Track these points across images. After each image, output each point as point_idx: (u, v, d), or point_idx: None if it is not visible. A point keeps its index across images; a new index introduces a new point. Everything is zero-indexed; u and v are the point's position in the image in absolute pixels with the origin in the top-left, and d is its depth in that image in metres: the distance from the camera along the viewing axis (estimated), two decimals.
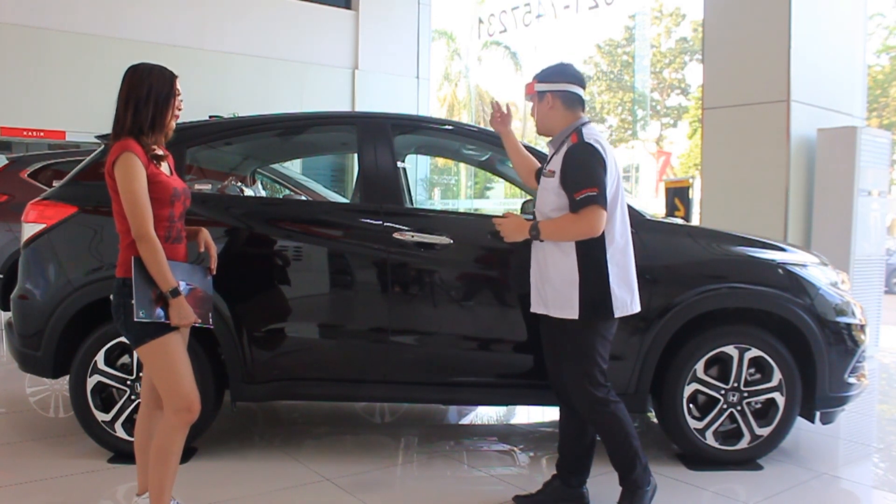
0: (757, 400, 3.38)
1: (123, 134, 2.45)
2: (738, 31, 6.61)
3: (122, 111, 2.47)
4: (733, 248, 3.50)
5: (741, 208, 6.43)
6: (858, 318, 3.54)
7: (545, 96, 2.75)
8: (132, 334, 2.46)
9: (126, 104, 2.46)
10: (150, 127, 2.47)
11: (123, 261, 2.47)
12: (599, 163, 2.61)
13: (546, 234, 2.67)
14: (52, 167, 6.31)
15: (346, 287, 3.42)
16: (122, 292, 2.45)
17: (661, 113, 30.30)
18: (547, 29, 24.18)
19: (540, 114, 2.80)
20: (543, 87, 2.75)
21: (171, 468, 2.47)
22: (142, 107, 2.46)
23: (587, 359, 2.67)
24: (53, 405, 4.46)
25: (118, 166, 2.39)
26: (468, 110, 28.76)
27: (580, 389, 2.70)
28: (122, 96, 2.48)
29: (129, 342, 2.52)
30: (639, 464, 2.72)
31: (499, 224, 2.82)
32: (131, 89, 2.47)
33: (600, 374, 2.69)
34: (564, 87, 2.74)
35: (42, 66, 10.74)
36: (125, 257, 2.46)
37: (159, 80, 2.48)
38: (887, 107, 25.61)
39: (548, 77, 2.77)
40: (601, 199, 2.56)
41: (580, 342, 2.68)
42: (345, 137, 4.26)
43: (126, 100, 2.47)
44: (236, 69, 12.15)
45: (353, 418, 4.33)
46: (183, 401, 2.45)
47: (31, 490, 3.02)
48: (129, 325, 2.43)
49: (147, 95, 2.46)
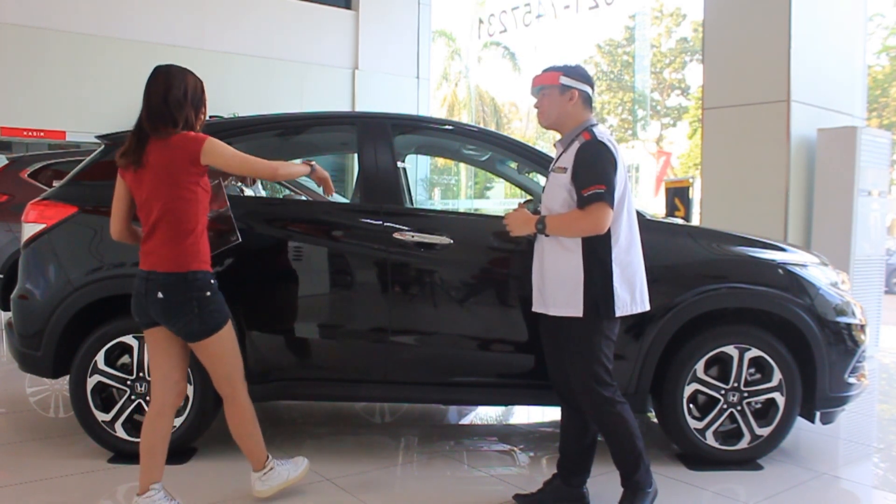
0: (757, 400, 3.37)
1: (187, 127, 2.66)
2: (738, 31, 6.61)
3: (176, 106, 2.63)
4: (733, 248, 3.50)
5: (741, 208, 6.43)
6: (858, 318, 3.54)
7: (568, 90, 2.75)
8: (208, 325, 2.62)
9: (180, 100, 2.64)
10: (190, 126, 2.69)
11: (195, 254, 2.61)
12: (610, 161, 2.62)
13: (552, 229, 2.67)
14: (52, 167, 6.31)
15: (347, 287, 3.42)
16: (192, 286, 2.59)
17: (662, 113, 30.31)
18: (547, 29, 24.20)
19: (557, 106, 2.76)
20: (569, 82, 2.75)
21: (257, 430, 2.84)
22: (199, 105, 2.71)
23: (592, 359, 2.67)
24: (53, 405, 4.46)
25: (207, 149, 2.59)
26: (468, 110, 28.77)
27: (587, 389, 2.69)
28: (176, 91, 2.64)
29: (197, 335, 2.64)
30: (642, 465, 2.72)
31: (506, 218, 2.84)
32: (187, 88, 2.67)
33: (606, 374, 2.69)
34: (585, 88, 2.77)
35: (42, 66, 10.76)
36: (195, 250, 2.61)
37: (196, 84, 2.71)
38: (887, 107, 25.62)
39: (573, 73, 2.77)
40: (608, 196, 2.57)
41: (584, 342, 2.68)
42: (345, 137, 4.26)
43: (182, 96, 2.65)
44: (236, 69, 12.16)
45: (353, 418, 4.33)
46: (242, 372, 2.76)
47: (31, 490, 3.02)
48: (204, 317, 2.59)
49: (200, 96, 2.73)
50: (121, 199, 2.73)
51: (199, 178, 2.63)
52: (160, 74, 2.67)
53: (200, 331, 2.63)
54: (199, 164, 2.60)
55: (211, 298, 2.64)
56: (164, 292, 2.58)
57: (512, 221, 2.81)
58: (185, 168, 2.59)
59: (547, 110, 2.80)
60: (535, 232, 2.74)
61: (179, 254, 2.59)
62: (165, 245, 2.59)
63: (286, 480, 2.91)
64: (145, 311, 2.66)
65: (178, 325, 2.62)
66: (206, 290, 2.63)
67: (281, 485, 2.90)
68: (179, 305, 2.59)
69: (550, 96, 2.78)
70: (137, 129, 2.66)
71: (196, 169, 2.61)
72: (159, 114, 2.61)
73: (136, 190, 2.66)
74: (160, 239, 2.60)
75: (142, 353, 3.27)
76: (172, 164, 2.58)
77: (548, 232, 2.69)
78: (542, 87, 2.80)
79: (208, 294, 2.62)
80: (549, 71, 2.80)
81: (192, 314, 2.59)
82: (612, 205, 2.59)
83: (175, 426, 3.26)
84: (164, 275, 2.59)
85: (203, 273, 2.64)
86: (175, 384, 2.73)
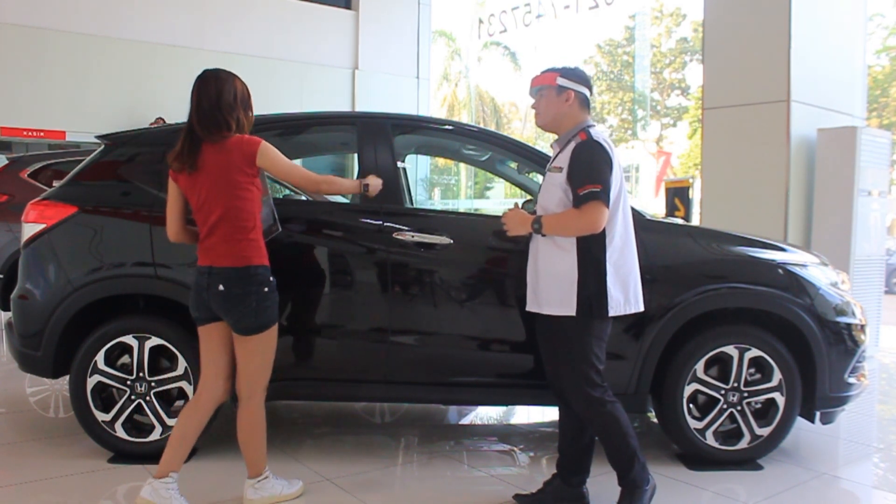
0: (757, 400, 3.38)
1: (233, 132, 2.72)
2: (738, 31, 6.61)
3: (228, 110, 2.72)
4: (733, 248, 3.50)
5: (741, 208, 6.43)
6: (858, 318, 3.54)
7: (565, 91, 2.76)
8: (260, 321, 2.71)
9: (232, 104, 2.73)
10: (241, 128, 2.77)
11: (254, 250, 2.71)
12: (606, 161, 2.63)
13: (548, 228, 2.68)
14: (52, 167, 6.31)
15: (347, 287, 3.42)
16: (252, 280, 2.69)
17: (661, 113, 30.30)
18: (547, 29, 24.21)
19: (554, 107, 2.78)
20: (566, 83, 2.76)
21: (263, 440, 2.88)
22: (241, 109, 2.77)
23: (583, 360, 2.68)
24: (53, 405, 4.46)
25: (263, 152, 2.69)
26: (468, 110, 28.77)
27: (577, 390, 2.71)
28: (228, 96, 2.73)
29: (249, 329, 2.71)
30: (637, 463, 2.73)
31: (503, 217, 2.85)
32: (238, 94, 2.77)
33: (596, 375, 2.70)
34: (583, 89, 2.78)
35: (42, 66, 10.74)
36: (255, 246, 2.72)
37: (242, 86, 2.81)
38: (887, 107, 25.61)
39: (570, 75, 2.79)
40: (604, 195, 2.58)
41: (575, 343, 2.68)
42: (345, 137, 4.26)
43: (230, 103, 2.73)
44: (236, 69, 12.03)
45: (353, 418, 4.33)
46: (268, 378, 2.81)
47: (31, 490, 3.02)
48: (259, 312, 2.69)
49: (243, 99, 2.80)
50: (176, 202, 2.82)
51: (254, 179, 2.73)
52: (210, 79, 2.75)
53: (254, 325, 2.71)
54: (254, 166, 2.71)
55: (268, 294, 2.73)
56: (226, 285, 2.68)
57: (509, 221, 2.82)
58: (242, 170, 2.69)
59: (543, 111, 2.82)
60: (531, 231, 2.74)
61: (241, 249, 2.69)
62: (227, 242, 2.69)
63: (279, 495, 2.90)
64: (205, 305, 2.74)
65: (234, 316, 2.70)
66: (265, 285, 2.72)
67: (272, 498, 2.88)
68: (240, 298, 2.67)
69: (547, 97, 2.79)
70: (189, 132, 2.73)
71: (252, 170, 2.71)
72: (213, 118, 2.70)
73: (192, 192, 2.74)
74: (221, 237, 2.69)
75: (142, 354, 3.27)
76: (230, 165, 2.67)
77: (544, 231, 2.69)
78: (540, 88, 2.81)
79: (266, 290, 2.72)
80: (547, 72, 2.81)
81: (250, 308, 2.68)
82: (608, 204, 2.60)
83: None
84: (227, 269, 2.68)
85: (264, 268, 2.74)
86: (225, 381, 2.83)
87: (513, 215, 2.81)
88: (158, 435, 3.29)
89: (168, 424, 3.28)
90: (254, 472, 2.88)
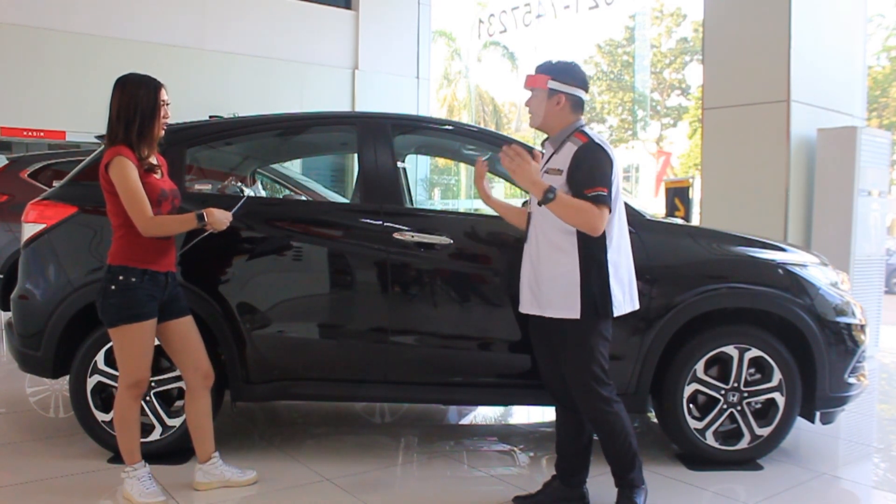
0: (757, 400, 3.37)
1: (117, 142, 2.76)
2: (738, 31, 6.60)
3: (114, 123, 2.77)
4: (733, 248, 3.50)
5: (741, 208, 6.43)
6: (858, 318, 3.54)
7: (556, 95, 2.71)
8: (105, 316, 2.80)
9: (118, 117, 2.76)
10: (138, 137, 2.77)
11: (115, 250, 2.81)
12: (608, 164, 2.63)
13: (558, 203, 2.52)
14: (52, 167, 6.31)
15: (347, 287, 3.42)
16: (106, 277, 2.79)
17: (661, 113, 30.31)
18: (547, 29, 24.23)
19: (545, 110, 2.74)
20: (557, 87, 2.70)
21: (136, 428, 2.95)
22: (131, 120, 2.75)
23: (591, 359, 2.67)
24: (53, 405, 4.46)
25: (112, 168, 2.71)
26: (468, 110, 28.77)
27: (586, 389, 2.69)
28: (114, 109, 2.78)
29: (104, 323, 2.85)
30: (637, 463, 2.74)
31: (509, 154, 2.59)
32: (121, 105, 2.76)
33: (604, 373, 2.69)
34: (575, 92, 2.72)
35: (42, 66, 10.73)
36: (117, 247, 2.81)
37: (146, 94, 2.77)
38: (887, 107, 25.62)
39: (561, 76, 2.71)
40: (609, 200, 2.58)
41: (582, 343, 2.67)
42: (345, 137, 4.26)
43: (117, 113, 2.76)
44: (236, 69, 12.14)
45: (353, 418, 4.33)
46: (132, 377, 2.84)
47: (31, 490, 3.02)
48: (104, 308, 2.78)
49: (135, 110, 2.75)
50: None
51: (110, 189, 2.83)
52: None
53: (105, 319, 2.84)
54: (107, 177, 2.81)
55: (114, 293, 2.79)
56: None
57: (517, 167, 2.56)
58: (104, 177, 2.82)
59: (535, 112, 2.79)
60: (540, 194, 2.54)
61: (113, 249, 2.86)
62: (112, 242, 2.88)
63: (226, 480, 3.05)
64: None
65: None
66: (112, 283, 2.80)
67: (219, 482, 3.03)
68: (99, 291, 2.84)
69: (538, 99, 2.75)
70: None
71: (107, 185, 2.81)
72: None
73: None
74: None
75: None
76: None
77: (553, 205, 2.53)
78: (532, 88, 2.78)
79: (112, 288, 2.79)
80: (539, 73, 2.74)
81: (99, 302, 2.84)
82: (611, 209, 2.60)
83: (175, 426, 3.28)
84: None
85: (119, 268, 2.82)
86: (194, 370, 2.99)
87: (520, 161, 2.56)
88: (158, 435, 3.28)
89: (168, 424, 3.28)
90: (203, 457, 3.03)
